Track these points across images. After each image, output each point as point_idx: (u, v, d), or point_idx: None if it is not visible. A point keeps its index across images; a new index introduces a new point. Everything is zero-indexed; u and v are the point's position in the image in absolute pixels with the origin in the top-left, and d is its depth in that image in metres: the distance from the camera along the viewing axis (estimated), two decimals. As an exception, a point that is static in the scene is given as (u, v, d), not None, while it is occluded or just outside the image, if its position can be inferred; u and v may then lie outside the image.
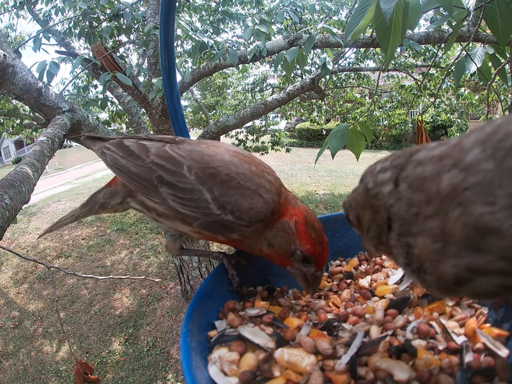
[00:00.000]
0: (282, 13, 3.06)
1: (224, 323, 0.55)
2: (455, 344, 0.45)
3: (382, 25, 1.05)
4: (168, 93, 0.81)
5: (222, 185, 0.56)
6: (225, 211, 0.55)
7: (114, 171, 0.63)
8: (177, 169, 0.57)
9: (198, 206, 0.56)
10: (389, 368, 0.43)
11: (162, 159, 0.59)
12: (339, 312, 0.56)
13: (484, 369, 0.41)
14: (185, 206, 0.57)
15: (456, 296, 0.47)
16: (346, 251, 0.70)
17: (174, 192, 0.57)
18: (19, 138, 10.07)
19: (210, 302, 0.58)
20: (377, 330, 0.50)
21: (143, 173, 0.59)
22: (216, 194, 0.55)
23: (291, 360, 0.45)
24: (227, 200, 0.55)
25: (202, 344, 0.51)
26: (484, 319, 0.49)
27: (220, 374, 0.46)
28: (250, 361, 0.47)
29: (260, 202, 0.56)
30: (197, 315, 0.54)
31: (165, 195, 0.58)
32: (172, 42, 0.79)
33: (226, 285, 0.62)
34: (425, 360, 0.43)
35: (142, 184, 0.60)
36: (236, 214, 0.55)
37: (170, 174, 0.57)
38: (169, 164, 0.58)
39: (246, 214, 0.55)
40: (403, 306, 0.54)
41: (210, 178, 0.56)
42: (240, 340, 0.50)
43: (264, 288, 0.64)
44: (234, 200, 0.55)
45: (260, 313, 0.55)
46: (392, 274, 0.62)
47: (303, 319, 0.55)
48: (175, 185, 0.57)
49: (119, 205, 0.69)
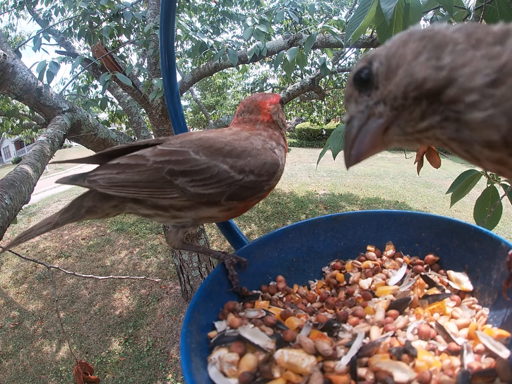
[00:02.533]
0: (281, 13, 3.06)
1: (224, 323, 0.54)
2: (456, 345, 0.45)
3: (383, 26, 1.05)
4: (168, 93, 0.80)
5: (231, 154, 0.59)
6: (246, 173, 0.59)
7: (113, 191, 0.59)
8: (185, 156, 0.58)
9: (220, 179, 0.58)
10: (389, 369, 0.42)
11: (164, 155, 0.59)
12: (339, 313, 0.56)
13: (485, 371, 0.41)
14: (207, 185, 0.58)
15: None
16: (347, 251, 0.70)
17: (191, 178, 0.58)
18: (19, 138, 10.08)
19: (210, 302, 0.57)
20: (378, 331, 0.50)
21: (150, 176, 0.58)
22: (231, 163, 0.59)
23: (291, 361, 0.45)
24: (243, 163, 0.59)
25: (202, 345, 0.51)
26: (485, 320, 0.49)
27: (219, 375, 0.46)
28: (250, 362, 0.46)
29: (269, 156, 0.62)
30: (197, 315, 0.53)
31: (183, 184, 0.58)
32: (172, 41, 0.79)
33: (226, 286, 0.62)
34: (425, 361, 0.43)
35: (153, 187, 0.58)
36: (255, 173, 0.60)
37: (180, 164, 0.58)
38: (174, 156, 0.58)
39: (264, 170, 0.61)
40: (403, 307, 0.54)
41: (218, 153, 0.59)
42: (240, 341, 0.49)
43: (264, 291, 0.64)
44: (249, 162, 0.60)
45: (260, 316, 0.55)
46: (392, 275, 0.61)
47: (303, 320, 0.55)
48: (189, 171, 0.58)
49: (113, 208, 0.64)
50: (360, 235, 0.70)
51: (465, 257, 0.58)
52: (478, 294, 0.54)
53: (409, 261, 0.63)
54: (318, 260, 0.70)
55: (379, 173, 10.92)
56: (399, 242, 0.67)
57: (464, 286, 0.55)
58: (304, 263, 0.70)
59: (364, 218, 0.70)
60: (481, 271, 0.55)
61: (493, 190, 1.36)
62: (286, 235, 0.70)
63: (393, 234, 0.67)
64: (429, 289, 0.56)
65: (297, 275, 0.69)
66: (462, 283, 0.55)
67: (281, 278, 0.66)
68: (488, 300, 0.52)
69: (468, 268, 0.57)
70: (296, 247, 0.70)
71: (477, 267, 0.56)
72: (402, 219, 0.67)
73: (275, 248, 0.69)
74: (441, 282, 0.57)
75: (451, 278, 0.57)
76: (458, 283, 0.55)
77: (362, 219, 0.70)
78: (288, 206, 8.00)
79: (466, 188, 1.39)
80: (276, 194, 8.69)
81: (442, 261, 0.61)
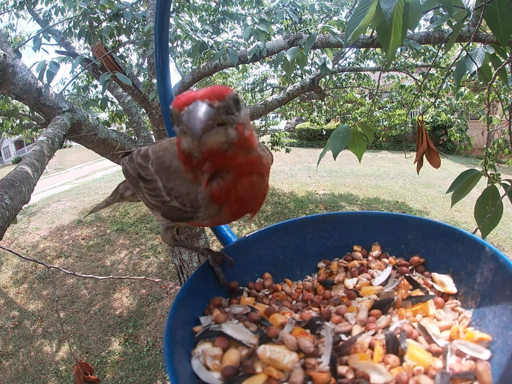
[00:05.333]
0: (281, 13, 3.06)
1: (209, 318, 0.55)
2: (437, 347, 0.45)
3: (383, 25, 1.05)
4: (162, 94, 0.81)
5: (166, 172, 0.57)
6: (171, 197, 0.56)
7: (124, 175, 0.71)
8: (146, 163, 0.61)
9: (156, 194, 0.58)
10: (366, 370, 0.43)
11: (142, 158, 0.63)
12: (323, 311, 0.57)
13: (464, 373, 0.41)
14: (152, 196, 0.60)
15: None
16: (334, 251, 0.70)
17: (145, 185, 0.61)
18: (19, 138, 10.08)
19: (196, 298, 0.58)
20: (359, 330, 0.50)
21: (133, 173, 0.65)
22: (164, 181, 0.57)
23: (273, 357, 0.46)
24: (171, 186, 0.56)
25: (187, 338, 0.52)
26: (468, 323, 0.49)
27: (202, 368, 0.47)
28: (233, 356, 0.47)
29: (200, 186, 0.53)
30: (182, 310, 0.54)
31: (143, 189, 0.62)
32: (167, 38, 0.79)
33: (212, 281, 0.63)
34: (415, 356, 0.43)
35: (133, 183, 0.66)
36: (179, 200, 0.55)
37: (142, 169, 0.62)
38: (143, 161, 0.62)
39: (186, 199, 0.54)
40: (387, 307, 0.54)
41: (160, 167, 0.59)
42: (223, 336, 0.50)
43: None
44: (175, 186, 0.55)
45: (245, 312, 0.56)
46: (377, 276, 0.62)
47: (287, 317, 0.55)
48: (144, 178, 0.61)
49: (132, 196, 0.75)
50: (347, 235, 0.70)
51: (450, 260, 0.58)
52: (462, 297, 0.54)
53: (395, 262, 0.63)
54: (305, 259, 0.71)
55: (379, 173, 10.92)
56: (385, 243, 0.67)
57: (448, 288, 0.55)
58: (291, 261, 0.70)
59: (351, 219, 0.71)
60: (465, 274, 0.55)
61: (494, 190, 1.35)
62: (274, 233, 0.71)
63: (380, 235, 0.68)
64: (413, 290, 0.56)
65: (284, 273, 0.69)
66: (446, 285, 0.55)
67: (268, 275, 0.67)
68: (471, 303, 0.52)
69: (453, 271, 0.57)
70: (284, 245, 0.71)
71: (461, 270, 0.56)
72: (389, 220, 0.67)
73: (263, 245, 0.70)
74: (425, 284, 0.57)
75: (435, 280, 0.57)
76: (442, 285, 0.56)
77: (349, 220, 0.71)
78: (288, 206, 8.00)
79: (466, 188, 1.39)
80: (276, 194, 8.69)
81: (427, 263, 0.62)
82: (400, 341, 0.46)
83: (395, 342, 0.46)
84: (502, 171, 7.37)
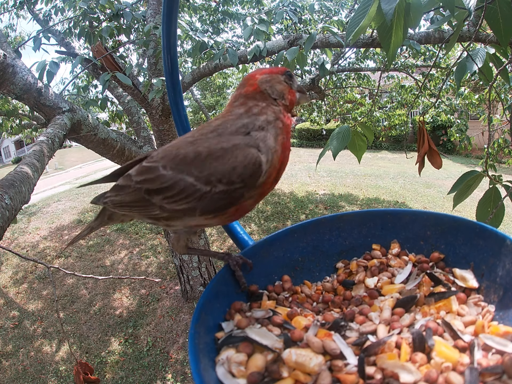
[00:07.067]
0: (281, 13, 3.06)
1: (231, 324, 0.54)
2: (463, 343, 0.45)
3: (384, 26, 1.05)
4: (172, 94, 0.80)
5: (195, 162, 0.54)
6: (213, 184, 0.52)
7: (118, 210, 0.65)
8: (155, 174, 0.57)
9: (188, 194, 0.54)
10: (395, 370, 0.42)
11: (142, 174, 0.59)
12: (346, 312, 0.56)
13: (492, 367, 0.41)
14: (179, 201, 0.56)
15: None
16: (352, 250, 0.69)
17: (164, 196, 0.56)
18: (19, 138, 10.07)
19: (216, 303, 0.57)
20: (384, 329, 0.50)
21: (134, 196, 0.60)
22: (196, 173, 0.53)
23: (299, 360, 0.45)
24: (208, 172, 0.52)
25: (209, 345, 0.51)
26: (491, 317, 0.49)
27: (228, 375, 0.46)
28: (258, 362, 0.46)
29: (240, 155, 0.51)
30: (204, 316, 0.53)
31: (160, 202, 0.57)
32: (175, 41, 0.78)
33: (232, 286, 0.62)
34: (443, 353, 0.43)
35: (139, 206, 0.61)
36: (224, 182, 0.52)
37: (152, 182, 0.57)
38: (148, 175, 0.58)
39: (234, 176, 0.51)
40: (410, 305, 0.54)
41: (182, 164, 0.55)
42: (247, 341, 0.49)
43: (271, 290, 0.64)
44: (215, 169, 0.52)
45: (267, 315, 0.55)
46: (398, 274, 0.61)
47: (310, 319, 0.55)
48: (161, 189, 0.56)
49: (124, 216, 0.71)
50: (365, 234, 0.69)
51: (470, 254, 0.58)
52: (484, 291, 0.54)
53: (415, 259, 0.63)
54: (323, 259, 0.70)
55: (379, 173, 10.92)
56: (404, 241, 0.67)
57: (469, 283, 0.54)
58: (310, 262, 0.69)
59: (369, 217, 0.70)
60: (486, 269, 0.55)
61: (495, 191, 1.35)
62: (291, 235, 0.70)
63: (398, 232, 0.67)
64: (435, 287, 0.56)
65: (303, 275, 0.68)
66: (467, 280, 0.55)
67: (287, 277, 0.66)
68: (494, 297, 0.52)
69: (474, 265, 0.57)
70: (302, 246, 0.70)
71: (482, 264, 0.56)
72: (407, 217, 0.67)
73: (281, 247, 0.69)
74: (446, 280, 0.57)
75: (456, 275, 0.57)
76: (464, 280, 0.55)
77: (367, 218, 0.70)
78: (288, 206, 8.00)
79: (468, 189, 1.39)
80: (276, 194, 8.69)
81: (447, 259, 0.61)
82: (427, 338, 0.46)
83: (422, 339, 0.46)
84: (502, 171, 7.36)
